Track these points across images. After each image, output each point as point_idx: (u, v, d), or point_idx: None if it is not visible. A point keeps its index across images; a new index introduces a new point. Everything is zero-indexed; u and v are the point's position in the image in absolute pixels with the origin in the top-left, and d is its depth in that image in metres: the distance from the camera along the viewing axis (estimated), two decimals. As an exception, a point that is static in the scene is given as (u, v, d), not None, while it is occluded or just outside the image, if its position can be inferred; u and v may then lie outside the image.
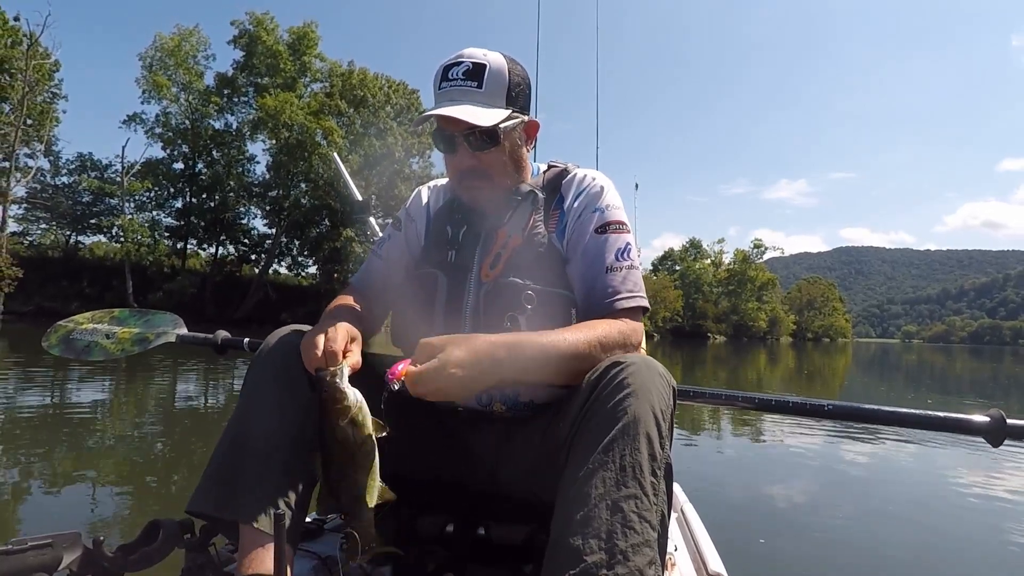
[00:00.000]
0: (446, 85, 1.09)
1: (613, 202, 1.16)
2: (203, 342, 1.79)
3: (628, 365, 0.86)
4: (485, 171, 1.12)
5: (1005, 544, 2.67)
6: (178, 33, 31.32)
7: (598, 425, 0.82)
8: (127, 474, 3.45)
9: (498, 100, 1.10)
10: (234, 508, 0.90)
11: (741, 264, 65.63)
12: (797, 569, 2.33)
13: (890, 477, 3.79)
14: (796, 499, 3.26)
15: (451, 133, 1.10)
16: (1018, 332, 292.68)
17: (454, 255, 1.15)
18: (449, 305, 1.13)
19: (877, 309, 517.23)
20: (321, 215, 33.97)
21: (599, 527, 0.74)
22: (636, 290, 1.08)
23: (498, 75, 1.10)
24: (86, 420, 5.01)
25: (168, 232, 33.67)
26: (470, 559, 1.03)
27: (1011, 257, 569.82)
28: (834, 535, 2.69)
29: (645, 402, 0.82)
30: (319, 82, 34.68)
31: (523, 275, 1.09)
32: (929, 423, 1.20)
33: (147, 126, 31.55)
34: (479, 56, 1.10)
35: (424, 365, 0.86)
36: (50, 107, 27.84)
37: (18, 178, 26.67)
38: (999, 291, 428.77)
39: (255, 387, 1.00)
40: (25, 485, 3.17)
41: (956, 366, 25.05)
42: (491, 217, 1.16)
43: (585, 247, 1.11)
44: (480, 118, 1.04)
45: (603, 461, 0.79)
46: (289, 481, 0.94)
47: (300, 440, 0.96)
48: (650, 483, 0.78)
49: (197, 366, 9.43)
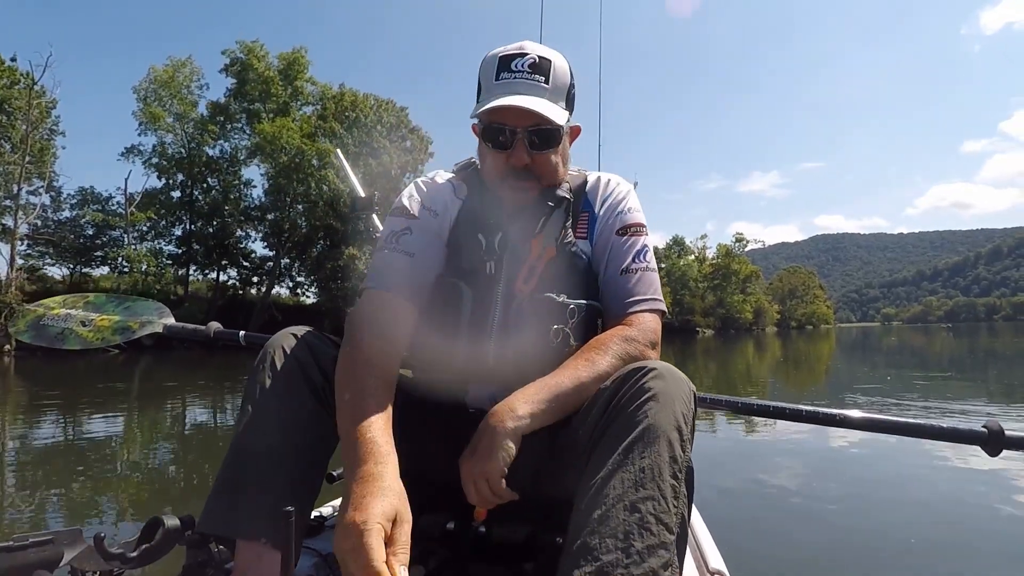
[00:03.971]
0: (508, 76, 1.00)
1: (634, 205, 1.13)
2: (193, 335, 1.62)
3: (651, 371, 0.85)
4: (537, 172, 1.04)
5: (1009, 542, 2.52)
6: (171, 64, 31.26)
7: (619, 428, 0.81)
8: (129, 472, 3.40)
9: (561, 99, 1.03)
10: (235, 527, 0.86)
11: (724, 258, 65.91)
12: (798, 566, 2.27)
13: (893, 474, 3.69)
14: (797, 495, 3.19)
15: (512, 128, 1.00)
16: (992, 308, 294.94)
17: (492, 266, 1.04)
18: (474, 320, 1.03)
19: (856, 294, 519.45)
20: (320, 235, 33.88)
21: (616, 527, 0.73)
22: (651, 292, 1.06)
23: (562, 73, 1.04)
24: (93, 424, 4.96)
25: (170, 260, 33.45)
26: (470, 557, 1.02)
27: (980, 236, 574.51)
28: (835, 530, 2.62)
29: (667, 407, 0.81)
30: (310, 105, 34.68)
31: (558, 288, 1.03)
32: (932, 433, 1.28)
33: (144, 157, 31.42)
34: (542, 51, 1.02)
35: (464, 483, 0.87)
36: (49, 144, 27.67)
37: (23, 217, 26.46)
38: (971, 269, 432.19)
39: (255, 399, 0.91)
40: (26, 483, 3.12)
41: (936, 345, 25.17)
42: (524, 224, 1.06)
43: (609, 251, 1.09)
44: (555, 115, 0.98)
45: (622, 463, 0.77)
46: (291, 498, 0.87)
47: (303, 454, 0.90)
48: (670, 486, 0.77)
49: (198, 371, 9.36)
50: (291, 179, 30.82)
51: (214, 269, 34.92)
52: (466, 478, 0.87)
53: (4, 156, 24.82)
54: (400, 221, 1.08)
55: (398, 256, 1.03)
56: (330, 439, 0.93)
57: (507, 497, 0.87)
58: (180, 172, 32.35)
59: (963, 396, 6.60)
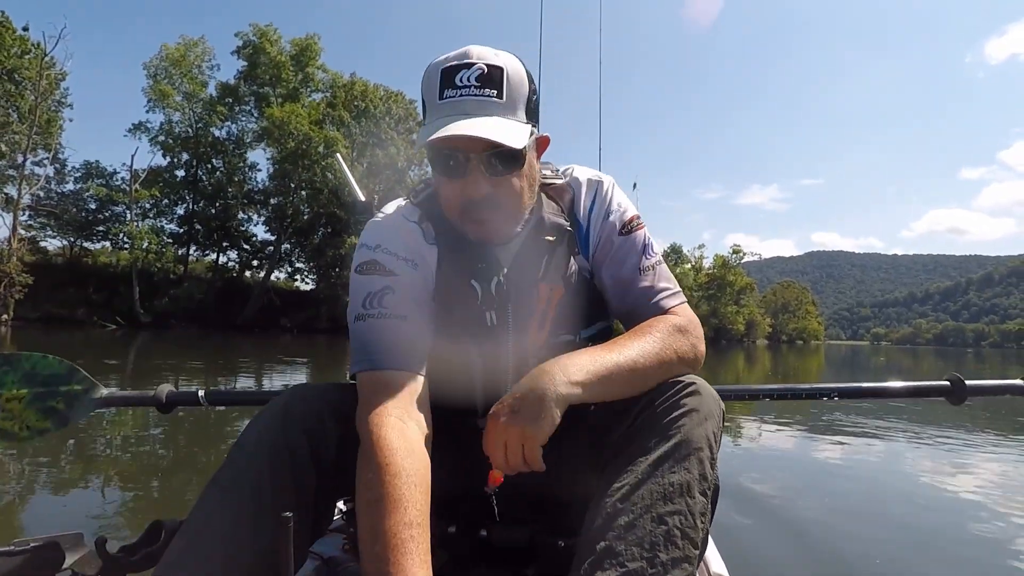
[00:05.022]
0: (453, 93, 0.84)
1: (622, 198, 1.04)
2: (139, 401, 1.29)
3: (689, 385, 0.84)
4: (499, 199, 0.88)
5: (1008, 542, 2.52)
6: (183, 43, 31.13)
7: (651, 438, 0.80)
8: (130, 476, 3.39)
9: (519, 112, 0.87)
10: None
11: (721, 269, 66.10)
12: (800, 570, 2.24)
13: (894, 477, 3.69)
14: (798, 499, 3.16)
15: (464, 155, 0.84)
16: (980, 334, 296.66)
17: (493, 316, 0.95)
18: (487, 376, 0.97)
19: (847, 312, 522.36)
20: (322, 222, 33.82)
21: (643, 536, 0.72)
22: (671, 283, 1.00)
23: (518, 80, 0.87)
24: (91, 425, 4.93)
25: (171, 239, 33.36)
26: (471, 561, 1.00)
27: (973, 262, 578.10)
28: (837, 535, 2.60)
29: (701, 424, 0.80)
30: (320, 92, 34.60)
31: (573, 325, 0.98)
32: (902, 392, 1.45)
33: (151, 135, 31.29)
34: (491, 57, 0.85)
35: (491, 442, 0.79)
36: (56, 115, 27.53)
37: (27, 188, 26.33)
38: (962, 295, 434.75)
39: (226, 497, 0.76)
40: (28, 487, 3.11)
41: (923, 366, 25.31)
42: (523, 266, 0.95)
43: (614, 254, 0.99)
44: (513, 137, 0.82)
45: (652, 474, 0.76)
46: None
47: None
48: (698, 503, 0.76)
49: (194, 350, 9.32)
50: (297, 165, 30.75)
51: (215, 250, 34.85)
52: (496, 437, 0.78)
53: (12, 126, 24.67)
54: (375, 281, 0.90)
55: (387, 323, 0.87)
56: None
57: (537, 467, 0.79)
58: (186, 151, 32.24)
59: (951, 419, 6.62)
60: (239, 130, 33.66)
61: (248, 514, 0.75)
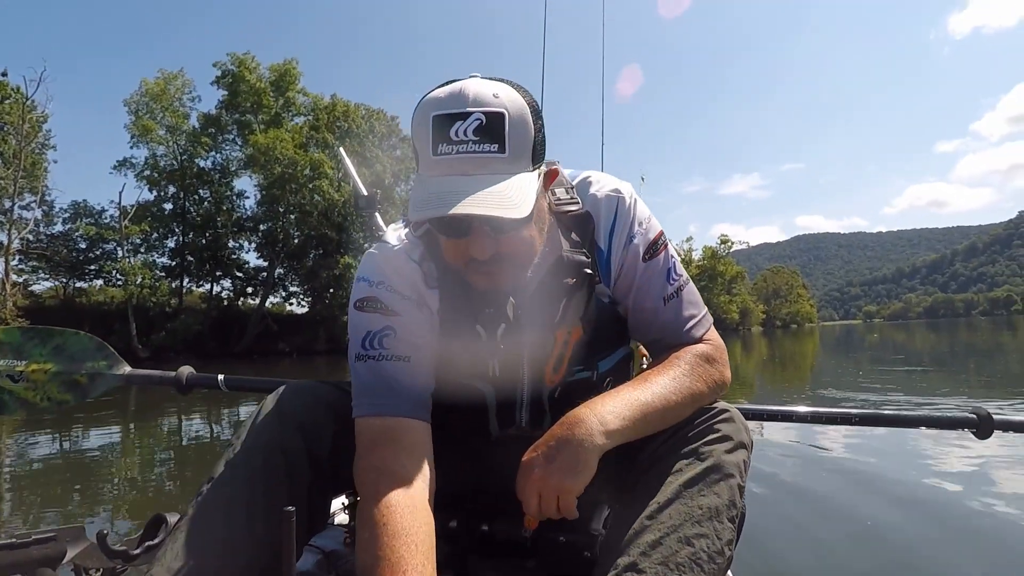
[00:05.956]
0: (449, 149, 0.73)
1: (644, 214, 0.94)
2: (160, 382, 1.35)
3: (724, 412, 0.85)
4: (507, 255, 0.80)
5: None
6: (163, 77, 31.11)
7: (684, 459, 0.80)
8: (131, 470, 3.35)
9: (524, 159, 0.76)
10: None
11: (710, 260, 66.38)
12: (803, 572, 2.19)
13: (899, 475, 3.52)
14: (802, 499, 3.07)
15: (466, 219, 0.74)
16: (970, 304, 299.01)
17: (496, 367, 0.91)
18: (501, 418, 0.96)
19: (838, 292, 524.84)
20: (314, 245, 33.75)
21: (668, 556, 0.72)
22: (698, 307, 0.95)
23: (521, 124, 0.75)
24: (92, 422, 4.88)
25: (164, 272, 33.15)
26: (473, 555, 1.01)
27: (956, 233, 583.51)
28: (841, 535, 2.52)
29: (733, 452, 0.81)
30: (302, 116, 34.64)
31: (592, 363, 0.94)
32: (926, 423, 1.36)
33: (137, 170, 31.18)
34: (488, 98, 0.74)
35: (526, 491, 0.77)
36: (41, 158, 27.39)
37: (15, 233, 26.15)
38: (948, 266, 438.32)
39: (223, 494, 0.78)
40: (29, 482, 3.07)
41: (916, 341, 25.44)
42: (535, 311, 0.88)
43: (638, 283, 0.92)
44: (518, 202, 0.72)
45: (681, 494, 0.77)
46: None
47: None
48: (726, 528, 0.76)
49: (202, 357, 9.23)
50: (284, 189, 30.71)
51: (208, 280, 34.63)
52: (532, 487, 0.76)
53: (-3, 171, 24.55)
54: (376, 320, 0.85)
55: (389, 365, 0.83)
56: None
57: (571, 516, 0.77)
58: (172, 184, 32.12)
59: (949, 389, 6.67)
60: (224, 159, 33.59)
61: (244, 509, 0.76)
